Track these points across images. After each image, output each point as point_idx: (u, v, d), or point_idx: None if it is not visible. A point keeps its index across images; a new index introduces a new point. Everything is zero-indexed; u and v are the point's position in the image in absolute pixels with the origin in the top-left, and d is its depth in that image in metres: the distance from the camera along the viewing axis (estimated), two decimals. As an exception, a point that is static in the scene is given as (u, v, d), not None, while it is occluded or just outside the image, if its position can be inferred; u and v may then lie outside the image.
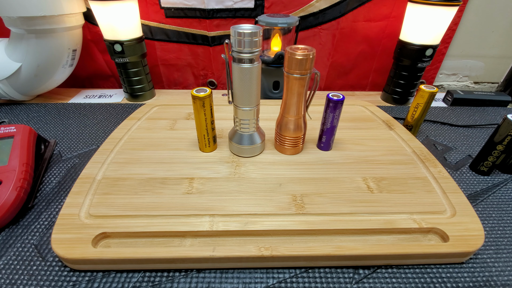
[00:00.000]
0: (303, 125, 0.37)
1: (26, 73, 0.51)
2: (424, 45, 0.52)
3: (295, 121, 0.36)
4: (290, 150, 0.38)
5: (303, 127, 0.37)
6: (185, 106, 0.51)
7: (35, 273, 0.26)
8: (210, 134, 0.37)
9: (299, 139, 0.37)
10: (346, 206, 0.30)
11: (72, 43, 0.54)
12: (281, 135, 0.37)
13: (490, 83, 0.70)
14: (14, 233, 0.30)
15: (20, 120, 0.50)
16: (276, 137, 0.39)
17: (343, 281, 0.25)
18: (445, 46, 0.63)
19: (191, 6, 0.57)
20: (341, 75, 0.67)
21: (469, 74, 0.69)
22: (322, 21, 0.59)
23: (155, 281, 0.25)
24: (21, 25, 0.47)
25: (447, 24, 0.51)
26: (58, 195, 0.34)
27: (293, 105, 0.34)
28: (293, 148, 0.38)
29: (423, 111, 0.43)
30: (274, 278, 0.26)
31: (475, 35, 0.63)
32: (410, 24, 0.53)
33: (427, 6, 0.49)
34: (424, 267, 0.27)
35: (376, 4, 0.57)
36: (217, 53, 0.63)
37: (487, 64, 0.67)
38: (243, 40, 0.29)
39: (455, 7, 0.49)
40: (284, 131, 0.36)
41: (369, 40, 0.61)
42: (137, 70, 0.56)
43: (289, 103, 0.34)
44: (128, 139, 0.41)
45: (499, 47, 0.64)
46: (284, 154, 0.38)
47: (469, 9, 0.59)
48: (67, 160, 0.40)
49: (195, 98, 0.33)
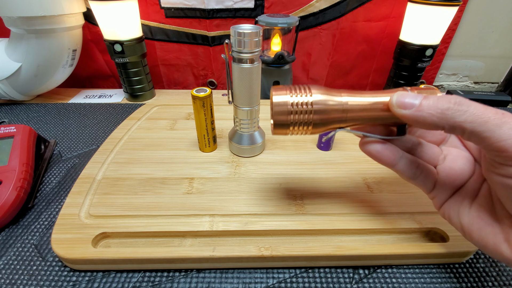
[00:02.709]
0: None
1: (26, 73, 0.51)
2: (424, 45, 0.52)
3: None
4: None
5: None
6: (185, 106, 0.51)
7: (35, 273, 0.26)
8: (210, 134, 0.37)
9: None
10: (346, 206, 0.30)
11: (72, 43, 0.54)
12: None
13: (490, 83, 0.70)
14: (14, 233, 0.30)
15: (20, 120, 0.50)
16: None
17: (343, 281, 0.25)
18: (445, 46, 0.63)
19: (191, 6, 0.57)
20: (341, 75, 0.67)
21: (469, 74, 0.69)
22: (322, 21, 0.59)
23: (155, 281, 0.25)
24: (21, 25, 0.47)
25: (447, 24, 0.51)
26: (58, 195, 0.34)
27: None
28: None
29: (423, 111, 0.43)
30: (274, 278, 0.26)
31: (475, 35, 0.63)
32: (410, 24, 0.53)
33: (427, 6, 0.49)
34: (424, 267, 0.27)
35: (376, 4, 0.57)
36: (217, 53, 0.63)
37: (487, 64, 0.67)
38: (243, 40, 0.29)
39: (455, 7, 0.49)
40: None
41: (369, 40, 0.61)
42: (137, 70, 0.56)
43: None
44: (128, 139, 0.41)
45: (499, 47, 0.64)
46: (284, 152, 0.38)
47: (469, 9, 0.59)
48: (67, 160, 0.40)
49: (195, 98, 0.33)
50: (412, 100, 0.18)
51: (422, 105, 0.17)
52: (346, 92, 0.20)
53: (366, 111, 0.20)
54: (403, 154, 0.22)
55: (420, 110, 0.17)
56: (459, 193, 0.22)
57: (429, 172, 0.22)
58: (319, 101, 0.20)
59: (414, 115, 0.17)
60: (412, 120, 0.18)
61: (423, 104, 0.17)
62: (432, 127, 0.17)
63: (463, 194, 0.22)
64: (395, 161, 0.22)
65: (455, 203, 0.22)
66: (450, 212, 0.22)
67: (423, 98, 0.17)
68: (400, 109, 0.18)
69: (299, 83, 0.76)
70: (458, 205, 0.21)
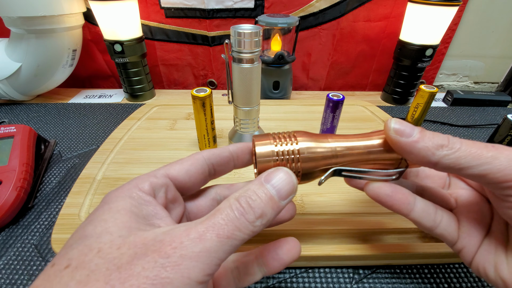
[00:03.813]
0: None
1: (26, 73, 0.51)
2: (424, 45, 0.52)
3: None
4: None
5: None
6: (185, 106, 0.51)
7: (35, 273, 0.26)
8: (210, 134, 0.37)
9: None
10: (346, 206, 0.30)
11: (72, 43, 0.54)
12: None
13: (490, 83, 0.70)
14: (14, 233, 0.30)
15: (20, 120, 0.50)
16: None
17: (343, 281, 0.25)
18: (445, 46, 0.63)
19: (191, 6, 0.57)
20: (341, 75, 0.67)
21: (469, 74, 0.69)
22: (322, 21, 0.59)
23: (155, 281, 0.25)
24: (21, 25, 0.47)
25: (447, 24, 0.51)
26: (58, 195, 0.34)
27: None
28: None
29: (423, 111, 0.43)
30: (274, 278, 0.26)
31: (475, 35, 0.63)
32: (410, 24, 0.53)
33: (427, 6, 0.49)
34: (424, 267, 0.27)
35: (376, 4, 0.57)
36: (217, 53, 0.63)
37: (487, 64, 0.67)
38: (243, 40, 0.29)
39: (455, 7, 0.49)
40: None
41: (369, 40, 0.61)
42: (137, 70, 0.56)
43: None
44: (128, 139, 0.41)
45: (499, 47, 0.64)
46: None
47: (469, 9, 0.59)
48: (67, 160, 0.40)
49: (195, 98, 0.33)
50: (410, 129, 0.17)
51: (420, 136, 0.16)
52: (333, 137, 0.19)
53: (357, 155, 0.19)
54: (416, 196, 0.19)
55: (417, 141, 0.16)
56: (488, 239, 0.19)
57: (449, 216, 0.20)
58: (306, 149, 0.18)
59: (411, 145, 0.16)
60: (407, 150, 0.17)
61: (421, 135, 0.16)
62: (423, 161, 0.16)
63: (493, 240, 0.19)
64: (410, 205, 0.19)
65: (487, 253, 0.18)
66: (484, 265, 0.18)
67: (420, 130, 0.17)
68: (397, 135, 0.17)
69: (299, 83, 0.76)
70: (492, 255, 0.18)
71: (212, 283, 0.18)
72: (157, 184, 0.17)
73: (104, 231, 0.13)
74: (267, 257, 0.18)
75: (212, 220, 0.14)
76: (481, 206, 0.19)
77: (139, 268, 0.12)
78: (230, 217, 0.14)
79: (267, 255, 0.18)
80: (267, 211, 0.15)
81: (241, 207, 0.14)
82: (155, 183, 0.17)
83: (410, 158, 0.17)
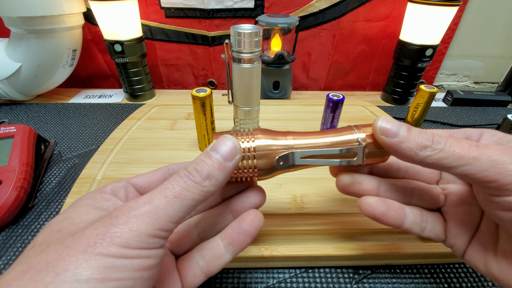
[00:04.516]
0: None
1: (26, 73, 0.51)
2: (424, 45, 0.52)
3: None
4: None
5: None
6: (185, 106, 0.51)
7: (35, 273, 0.26)
8: (210, 134, 0.37)
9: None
10: (346, 206, 0.30)
11: (72, 43, 0.54)
12: None
13: (490, 83, 0.70)
14: (14, 233, 0.30)
15: (20, 120, 0.50)
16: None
17: (343, 281, 0.25)
18: (445, 46, 0.63)
19: (191, 6, 0.57)
20: (341, 75, 0.67)
21: (469, 74, 0.69)
22: (322, 21, 0.59)
23: (155, 281, 0.25)
24: (21, 25, 0.47)
25: (447, 24, 0.51)
26: (58, 195, 0.34)
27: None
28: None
29: (423, 111, 0.43)
30: (274, 278, 0.26)
31: (475, 35, 0.63)
32: (410, 24, 0.53)
33: (427, 6, 0.49)
34: (424, 267, 0.27)
35: (376, 4, 0.57)
36: (217, 53, 0.63)
37: (487, 64, 0.67)
38: (243, 40, 0.29)
39: (455, 7, 0.49)
40: None
41: (369, 40, 0.61)
42: (137, 70, 0.56)
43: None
44: (128, 139, 0.41)
45: (499, 47, 0.64)
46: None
47: (469, 9, 0.59)
48: (67, 160, 0.40)
49: (195, 98, 0.33)
50: (396, 129, 0.17)
51: (404, 136, 0.17)
52: (294, 134, 0.20)
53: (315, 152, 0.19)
54: (406, 208, 0.21)
55: (402, 141, 0.17)
56: (477, 238, 0.19)
57: (434, 219, 0.21)
58: (261, 146, 0.19)
59: (395, 145, 0.17)
60: (392, 149, 0.17)
61: (406, 135, 0.17)
62: (408, 160, 0.17)
63: (481, 240, 0.19)
64: (401, 219, 0.20)
65: (477, 251, 0.19)
66: (476, 263, 0.19)
67: (407, 129, 0.17)
68: (383, 135, 0.17)
69: (299, 83, 0.76)
70: (482, 253, 0.19)
71: (180, 277, 0.18)
72: (117, 186, 0.19)
73: (66, 217, 0.15)
74: (232, 235, 0.19)
75: (160, 187, 0.15)
76: (470, 204, 0.20)
77: (91, 229, 0.13)
78: (177, 181, 0.15)
79: (232, 233, 0.19)
80: (214, 172, 0.16)
81: (188, 173, 0.15)
82: (115, 186, 0.19)
83: (396, 157, 0.18)
